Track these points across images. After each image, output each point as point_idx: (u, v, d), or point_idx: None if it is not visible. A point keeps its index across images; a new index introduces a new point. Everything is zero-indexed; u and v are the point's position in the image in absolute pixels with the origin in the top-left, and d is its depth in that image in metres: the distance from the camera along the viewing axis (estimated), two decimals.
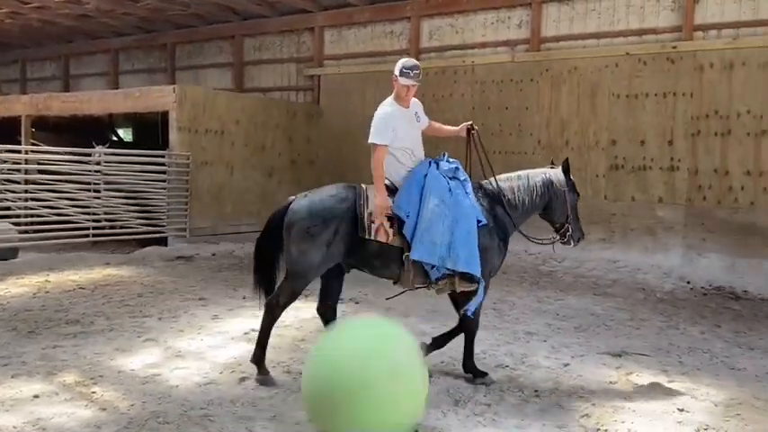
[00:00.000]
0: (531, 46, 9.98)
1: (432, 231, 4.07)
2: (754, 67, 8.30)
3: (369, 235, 4.08)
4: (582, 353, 5.12)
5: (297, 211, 4.14)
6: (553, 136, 9.77)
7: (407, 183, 4.22)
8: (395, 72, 4.30)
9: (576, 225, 4.68)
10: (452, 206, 4.16)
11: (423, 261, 4.09)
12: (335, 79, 12.11)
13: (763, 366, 4.87)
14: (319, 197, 4.18)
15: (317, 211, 4.09)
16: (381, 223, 4.08)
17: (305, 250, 4.08)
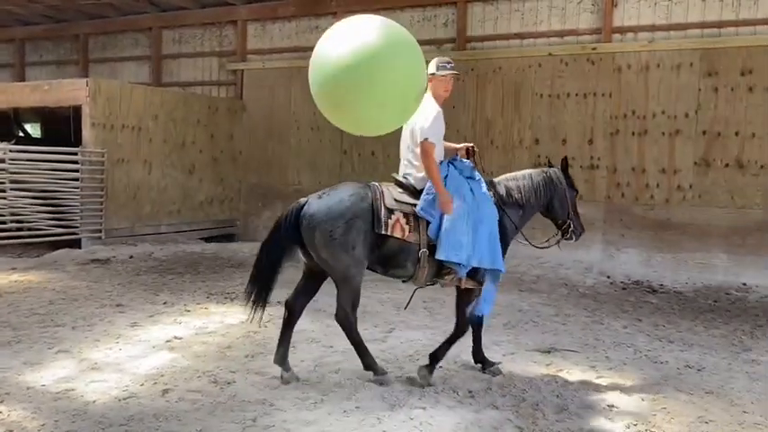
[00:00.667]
0: (458, 45, 10.05)
1: (456, 231, 4.12)
2: (668, 69, 8.66)
3: (385, 230, 4.09)
4: (512, 350, 5.15)
5: (316, 215, 4.09)
6: (479, 135, 9.86)
7: (429, 185, 4.20)
8: (430, 72, 4.31)
9: (577, 221, 4.79)
10: (474, 206, 4.23)
11: (449, 260, 4.12)
12: (259, 74, 11.80)
13: (683, 360, 5.04)
14: (338, 198, 4.14)
15: (338, 212, 4.07)
16: (398, 219, 4.11)
17: (335, 255, 4.08)
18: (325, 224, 4.04)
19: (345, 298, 4.19)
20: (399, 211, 4.17)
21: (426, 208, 4.18)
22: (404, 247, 4.17)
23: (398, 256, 4.20)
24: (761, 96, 8.15)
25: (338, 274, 4.15)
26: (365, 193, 4.18)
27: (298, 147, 11.43)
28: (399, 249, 4.17)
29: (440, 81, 4.38)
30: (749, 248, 8.21)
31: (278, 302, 6.47)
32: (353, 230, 4.06)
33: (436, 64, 4.38)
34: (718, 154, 8.45)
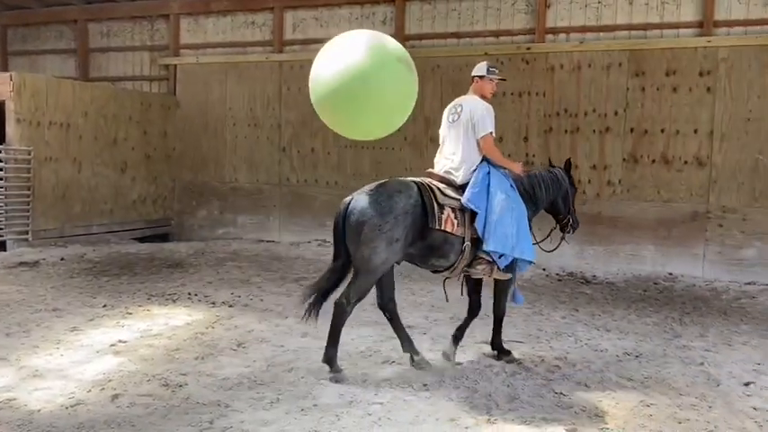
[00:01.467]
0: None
1: (503, 223, 4.39)
2: (598, 69, 9.02)
3: (438, 225, 4.28)
4: (461, 343, 5.24)
5: (365, 210, 4.20)
6: (419, 133, 9.99)
7: (476, 179, 4.48)
8: (479, 74, 4.83)
9: (574, 216, 5.19)
10: (515, 201, 4.56)
11: (497, 251, 4.38)
12: (193, 70, 11.53)
13: (622, 347, 5.29)
14: (386, 194, 4.26)
15: (387, 208, 4.19)
16: (448, 214, 4.33)
17: (377, 248, 4.18)
18: (375, 218, 4.16)
19: (360, 289, 4.31)
20: (449, 207, 4.38)
21: (474, 200, 4.41)
22: (449, 239, 4.37)
23: (443, 248, 4.39)
24: (684, 96, 8.60)
25: (369, 266, 4.23)
26: (412, 189, 4.33)
27: (234, 143, 11.24)
28: (444, 241, 4.37)
29: (487, 83, 4.81)
30: (675, 240, 8.67)
31: (223, 303, 6.42)
32: (401, 226, 4.20)
33: (486, 68, 4.82)
34: (645, 150, 8.87)
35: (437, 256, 4.44)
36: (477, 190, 4.43)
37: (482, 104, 4.66)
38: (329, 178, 10.56)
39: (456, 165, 4.60)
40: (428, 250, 4.40)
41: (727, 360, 5.04)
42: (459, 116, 4.65)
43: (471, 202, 4.40)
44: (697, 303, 7.09)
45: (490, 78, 4.82)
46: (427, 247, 4.38)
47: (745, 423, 3.79)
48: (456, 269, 4.53)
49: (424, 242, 4.33)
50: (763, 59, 8.25)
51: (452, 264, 4.48)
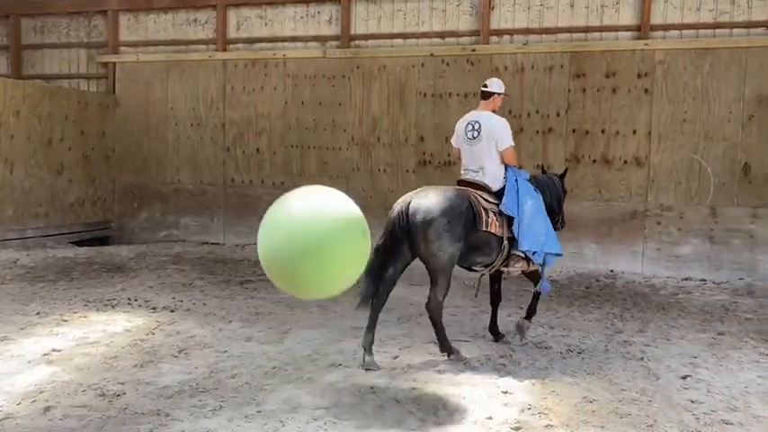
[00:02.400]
0: (342, 43, 10.07)
1: (534, 225, 4.99)
2: (541, 71, 9.17)
3: (486, 228, 4.81)
4: (408, 344, 5.25)
5: (430, 211, 4.61)
6: (366, 132, 9.95)
7: (507, 188, 5.03)
8: (500, 90, 5.33)
9: (562, 216, 5.77)
10: (540, 203, 5.15)
11: (531, 250, 4.97)
12: (133, 68, 11.18)
13: (565, 344, 5.37)
14: (444, 197, 4.70)
15: (449, 209, 4.63)
16: (492, 218, 4.87)
17: (445, 244, 4.62)
18: (441, 218, 4.59)
19: (441, 288, 4.78)
20: (491, 211, 4.90)
21: (510, 207, 4.96)
22: (490, 239, 4.90)
23: (486, 247, 4.94)
24: (623, 97, 8.83)
25: (441, 264, 4.70)
26: (463, 195, 4.83)
27: (176, 144, 10.96)
28: (487, 241, 4.90)
29: (500, 99, 5.37)
30: (615, 238, 8.90)
31: (164, 308, 6.23)
32: (460, 226, 4.66)
33: (500, 85, 5.36)
34: (586, 151, 9.07)
35: (481, 254, 4.97)
36: (510, 198, 4.99)
37: (499, 120, 5.20)
38: (275, 179, 10.41)
39: (486, 177, 5.09)
40: (473, 249, 4.88)
41: (666, 354, 5.18)
42: (479, 133, 5.11)
43: (508, 209, 4.95)
44: (637, 299, 7.28)
45: (500, 94, 5.35)
46: (472, 247, 4.85)
47: (682, 416, 3.89)
48: (494, 266, 5.09)
49: (469, 242, 4.79)
50: (696, 62, 8.55)
51: (493, 261, 5.04)
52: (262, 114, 10.46)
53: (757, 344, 5.59)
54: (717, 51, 8.49)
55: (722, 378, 4.62)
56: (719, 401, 4.15)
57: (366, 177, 9.98)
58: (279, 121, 10.37)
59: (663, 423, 3.76)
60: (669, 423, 3.77)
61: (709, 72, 8.51)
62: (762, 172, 8.33)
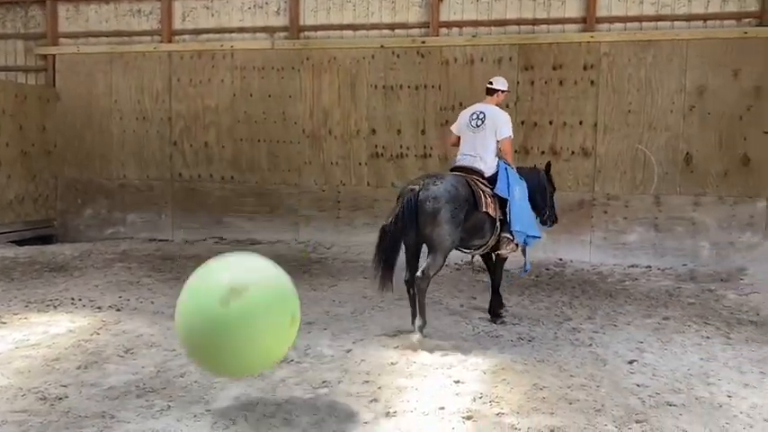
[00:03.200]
0: (291, 34, 9.93)
1: (522, 208, 5.53)
2: (490, 63, 9.24)
3: (485, 209, 5.29)
4: (362, 337, 5.23)
5: (439, 198, 5.04)
6: (317, 125, 9.86)
7: (499, 174, 5.54)
8: (503, 87, 5.90)
9: (552, 211, 6.21)
10: (525, 191, 5.65)
11: (521, 231, 5.49)
12: (74, 60, 10.79)
13: (516, 332, 5.44)
14: (450, 185, 5.15)
15: (454, 196, 5.09)
16: (489, 200, 5.35)
17: (449, 229, 5.06)
18: (449, 204, 5.04)
19: (436, 265, 5.13)
20: (487, 194, 5.38)
21: (503, 190, 5.47)
22: (486, 220, 5.38)
23: (483, 228, 5.41)
24: (570, 89, 8.98)
25: (443, 244, 5.10)
26: (464, 180, 5.31)
27: (121, 138, 10.64)
28: (484, 222, 5.39)
29: (504, 96, 5.94)
30: (564, 227, 8.99)
31: (110, 307, 6.05)
32: (463, 210, 5.14)
33: (506, 83, 5.94)
34: (535, 142, 9.20)
35: (478, 235, 5.45)
36: (502, 182, 5.49)
37: (503, 113, 5.70)
38: (224, 173, 10.22)
39: (482, 163, 5.57)
40: (473, 230, 5.35)
41: (613, 340, 5.30)
42: (483, 122, 5.60)
43: (502, 192, 5.46)
44: (585, 287, 7.43)
45: (504, 91, 5.91)
46: (472, 227, 5.32)
47: (629, 399, 3.98)
48: (487, 246, 5.58)
49: (469, 223, 5.25)
50: (640, 54, 8.75)
51: (486, 242, 5.53)
52: (209, 107, 10.25)
53: (699, 327, 5.77)
54: (659, 44, 8.71)
55: (666, 361, 4.76)
56: (664, 384, 4.26)
57: (318, 171, 9.90)
58: (227, 114, 10.18)
59: (610, 407, 3.85)
60: (616, 407, 3.85)
61: (653, 64, 8.73)
62: (702, 161, 8.61)
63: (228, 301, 3.14)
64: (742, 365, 4.72)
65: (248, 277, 3.32)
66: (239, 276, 3.29)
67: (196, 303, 3.25)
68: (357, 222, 9.79)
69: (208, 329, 3.19)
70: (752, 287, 7.25)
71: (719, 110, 8.55)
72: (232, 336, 3.19)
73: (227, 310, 3.12)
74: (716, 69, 8.54)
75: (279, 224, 10.01)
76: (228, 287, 3.19)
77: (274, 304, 3.33)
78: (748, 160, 8.50)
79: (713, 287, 7.36)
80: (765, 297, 6.85)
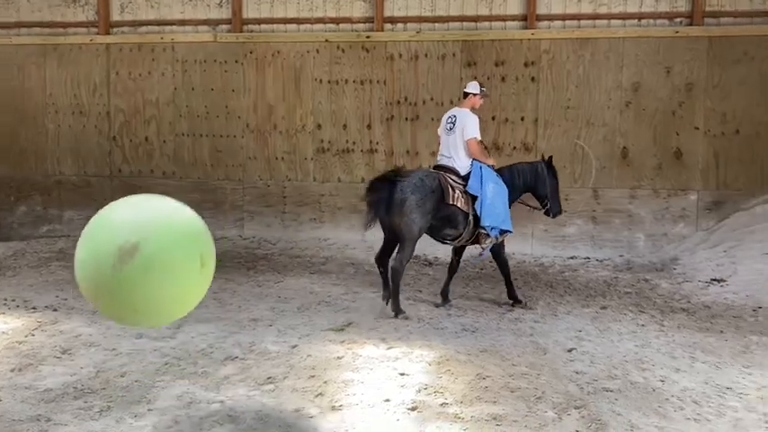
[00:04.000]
0: (234, 27, 9.78)
1: (495, 205, 5.92)
2: (434, 59, 9.33)
3: (452, 201, 5.81)
4: (308, 332, 5.22)
5: (405, 189, 5.62)
6: (261, 120, 9.75)
7: (472, 172, 5.98)
8: (475, 91, 6.24)
9: (555, 203, 6.49)
10: (501, 187, 6.04)
11: (491, 225, 5.89)
12: (5, 51, 10.32)
13: (460, 324, 5.54)
14: (417, 178, 5.75)
15: (420, 188, 5.66)
16: (458, 194, 5.84)
17: (415, 218, 5.63)
18: (415, 194, 5.62)
19: (407, 253, 5.74)
20: (458, 189, 5.89)
21: (474, 188, 5.91)
22: (458, 213, 5.88)
23: (455, 220, 5.91)
24: (511, 85, 9.16)
25: (411, 234, 5.68)
26: (434, 175, 5.88)
27: (57, 133, 10.27)
28: (456, 215, 5.88)
29: (477, 99, 6.23)
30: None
31: (46, 307, 5.85)
32: (431, 200, 5.69)
33: (479, 87, 6.26)
34: None
35: (449, 227, 5.94)
36: (475, 180, 5.92)
37: (471, 116, 6.08)
38: (166, 168, 10.00)
39: (456, 162, 6.05)
40: (445, 220, 5.88)
41: (554, 329, 5.46)
42: (454, 125, 6.07)
43: (472, 190, 5.91)
44: (527, 278, 7.61)
45: (476, 94, 6.22)
46: (444, 218, 5.85)
47: (568, 387, 4.11)
48: (462, 238, 6.02)
49: (441, 214, 5.80)
50: (579, 52, 8.99)
51: (460, 234, 5.98)
52: (150, 101, 10.00)
53: (635, 316, 6.00)
54: (597, 41, 8.97)
55: (604, 349, 4.93)
56: (601, 371, 4.42)
57: (263, 166, 9.80)
58: (168, 109, 9.96)
59: (550, 394, 3.96)
60: (556, 394, 3.97)
61: (591, 61, 8.98)
62: (638, 155, 8.92)
63: (121, 264, 2.77)
64: (674, 351, 4.93)
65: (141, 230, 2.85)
66: (131, 231, 2.83)
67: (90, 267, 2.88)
68: (303, 218, 9.74)
69: (107, 293, 2.87)
70: (684, 276, 7.57)
71: (653, 106, 8.88)
72: (134, 295, 2.85)
73: (123, 273, 2.76)
74: (650, 67, 8.86)
75: (223, 220, 9.86)
76: (118, 249, 2.77)
77: (175, 252, 2.89)
78: (681, 154, 8.86)
79: (648, 277, 7.65)
80: (696, 286, 7.16)
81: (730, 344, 5.16)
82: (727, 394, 4.05)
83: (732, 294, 6.78)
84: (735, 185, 8.78)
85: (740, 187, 8.76)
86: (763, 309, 6.26)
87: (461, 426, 3.48)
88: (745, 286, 6.94)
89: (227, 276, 7.31)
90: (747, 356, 4.86)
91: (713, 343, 5.17)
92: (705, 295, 6.81)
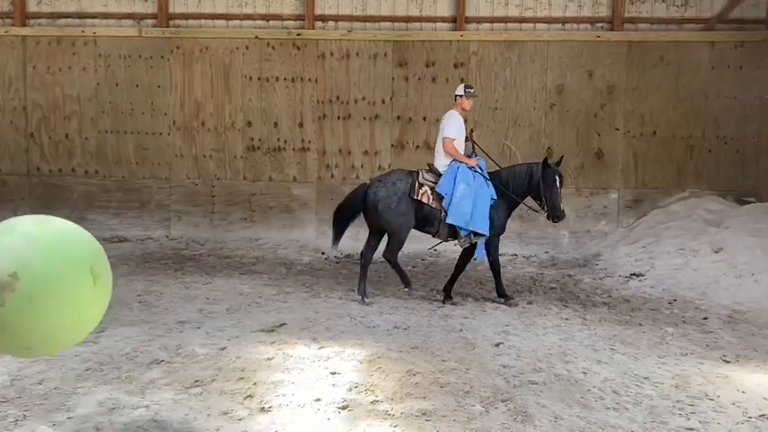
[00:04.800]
0: (160, 22, 9.51)
1: (461, 205, 6.05)
2: (366, 58, 9.36)
3: (417, 197, 6.18)
4: (237, 334, 5.13)
5: (378, 194, 6.21)
6: (188, 117, 9.53)
7: (447, 172, 6.23)
8: (460, 93, 6.44)
9: (552, 205, 6.24)
10: (474, 188, 6.10)
11: (456, 224, 6.09)
12: None
13: (392, 322, 5.57)
14: (390, 182, 6.25)
15: (392, 191, 6.20)
16: (425, 191, 6.19)
17: (392, 217, 6.19)
18: (386, 199, 6.17)
19: (394, 246, 6.30)
20: (426, 186, 6.22)
21: (442, 186, 6.17)
22: (431, 211, 6.22)
23: (429, 218, 6.24)
24: (442, 86, 9.30)
25: (392, 230, 6.27)
26: (409, 176, 6.29)
27: None
28: (430, 213, 6.22)
29: (465, 100, 6.42)
30: None
31: None
32: (403, 202, 6.18)
33: (464, 88, 6.44)
34: (410, 137, 9.44)
35: (426, 222, 6.29)
36: (445, 179, 6.18)
37: (451, 116, 6.36)
38: (88, 167, 9.63)
39: (437, 161, 6.38)
40: (423, 218, 6.25)
41: (482, 324, 5.57)
42: (439, 127, 6.45)
43: (439, 188, 6.19)
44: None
45: (462, 95, 6.41)
46: (422, 215, 6.24)
47: (495, 380, 4.20)
48: (440, 234, 6.31)
49: (419, 212, 6.22)
50: (506, 54, 9.23)
51: (437, 230, 6.28)
52: (70, 96, 9.60)
53: (559, 310, 6.20)
54: (523, 44, 9.23)
55: (530, 343, 5.08)
56: (527, 364, 4.55)
57: (191, 164, 9.58)
58: (90, 104, 9.59)
59: (478, 388, 4.04)
60: (484, 388, 4.06)
61: (517, 63, 9.23)
62: (561, 155, 9.19)
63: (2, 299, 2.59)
64: (596, 344, 5.13)
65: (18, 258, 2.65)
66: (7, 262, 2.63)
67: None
68: (233, 217, 9.58)
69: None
70: (605, 271, 7.89)
71: (576, 107, 9.21)
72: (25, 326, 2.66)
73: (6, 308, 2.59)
74: (573, 70, 9.19)
75: (149, 220, 9.59)
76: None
77: (60, 272, 2.71)
78: (602, 155, 9.22)
79: (572, 272, 7.93)
80: (617, 280, 7.48)
81: (648, 335, 5.41)
82: (644, 383, 4.25)
83: (650, 288, 7.11)
84: (652, 184, 9.22)
85: (657, 186, 9.21)
86: (678, 301, 6.60)
87: (391, 423, 3.51)
88: (661, 280, 7.30)
89: (152, 278, 7.11)
90: (663, 347, 5.11)
91: (632, 335, 5.41)
92: (625, 289, 7.12)
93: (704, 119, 9.11)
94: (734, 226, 7.92)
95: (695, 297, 6.73)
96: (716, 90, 9.08)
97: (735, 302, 6.50)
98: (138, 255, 8.48)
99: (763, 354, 4.99)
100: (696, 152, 9.17)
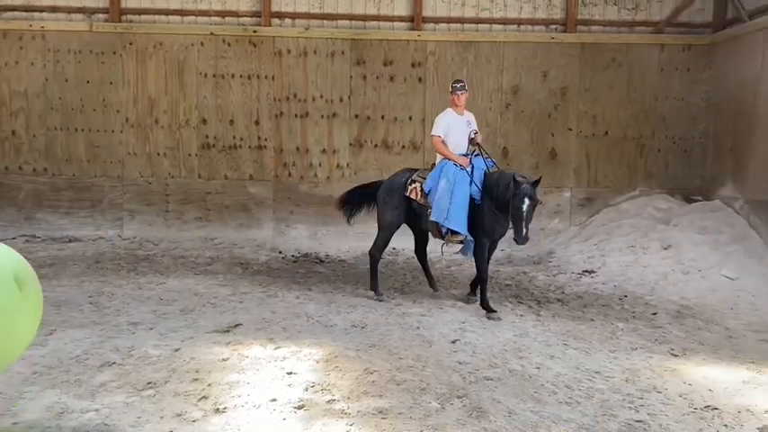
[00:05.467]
0: (111, 17, 9.28)
1: (441, 201, 6.02)
2: (323, 56, 9.32)
3: (407, 194, 6.36)
4: (191, 335, 5.05)
5: (381, 188, 6.58)
6: (142, 114, 9.34)
7: (434, 169, 6.25)
8: (450, 90, 6.37)
9: (517, 226, 5.64)
10: (455, 185, 6.00)
11: (436, 221, 6.06)
12: None
13: (350, 320, 5.57)
14: (395, 178, 6.56)
15: (388, 186, 6.52)
16: (415, 188, 6.30)
17: (383, 212, 6.52)
18: (381, 194, 6.51)
19: (380, 240, 6.57)
20: (417, 183, 6.31)
21: (428, 182, 6.21)
22: (421, 208, 6.29)
23: (419, 214, 6.36)
24: (400, 85, 9.33)
25: (381, 225, 6.57)
26: (406, 174, 6.52)
27: None
28: (420, 209, 6.32)
29: (455, 96, 6.29)
30: None
31: None
32: (396, 197, 6.41)
33: (452, 85, 6.36)
34: (368, 135, 9.44)
35: (417, 219, 6.44)
36: (432, 176, 6.21)
37: (443, 115, 6.39)
38: (36, 165, 9.34)
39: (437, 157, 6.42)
40: (414, 215, 6.42)
41: (439, 322, 5.62)
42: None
43: (425, 185, 6.24)
44: (415, 273, 7.77)
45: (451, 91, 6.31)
46: (413, 212, 6.41)
47: (451, 377, 4.24)
48: (432, 230, 6.34)
49: (410, 208, 6.39)
50: (463, 54, 9.31)
51: (427, 227, 6.38)
52: (17, 92, 9.30)
53: (514, 307, 6.30)
54: (479, 44, 9.32)
55: (485, 339, 5.14)
56: (482, 360, 4.60)
57: (144, 162, 9.39)
58: (38, 100, 9.30)
59: (434, 385, 4.08)
60: (440, 385, 4.09)
61: (474, 63, 9.32)
62: (517, 155, 9.37)
63: None
64: (549, 339, 5.23)
65: None
66: None
67: None
68: (188, 216, 9.43)
69: None
70: (559, 268, 8.04)
71: (531, 108, 9.36)
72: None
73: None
74: (528, 71, 9.33)
75: (100, 220, 9.36)
76: None
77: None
78: (555, 154, 9.39)
79: (527, 270, 8.06)
80: (570, 277, 7.63)
81: (599, 331, 5.54)
82: (596, 378, 4.35)
83: (602, 285, 7.29)
84: (604, 183, 9.44)
85: (609, 185, 9.43)
86: (628, 297, 6.78)
87: (347, 421, 3.51)
88: (612, 277, 7.49)
89: (104, 279, 6.95)
90: (614, 342, 5.24)
91: (584, 330, 5.53)
92: (578, 286, 7.28)
93: (654, 119, 9.37)
94: (682, 223, 8.17)
95: (645, 293, 6.92)
96: (665, 91, 9.34)
97: (682, 298, 6.72)
98: (89, 255, 8.26)
99: (708, 347, 5.17)
100: (646, 152, 9.42)
